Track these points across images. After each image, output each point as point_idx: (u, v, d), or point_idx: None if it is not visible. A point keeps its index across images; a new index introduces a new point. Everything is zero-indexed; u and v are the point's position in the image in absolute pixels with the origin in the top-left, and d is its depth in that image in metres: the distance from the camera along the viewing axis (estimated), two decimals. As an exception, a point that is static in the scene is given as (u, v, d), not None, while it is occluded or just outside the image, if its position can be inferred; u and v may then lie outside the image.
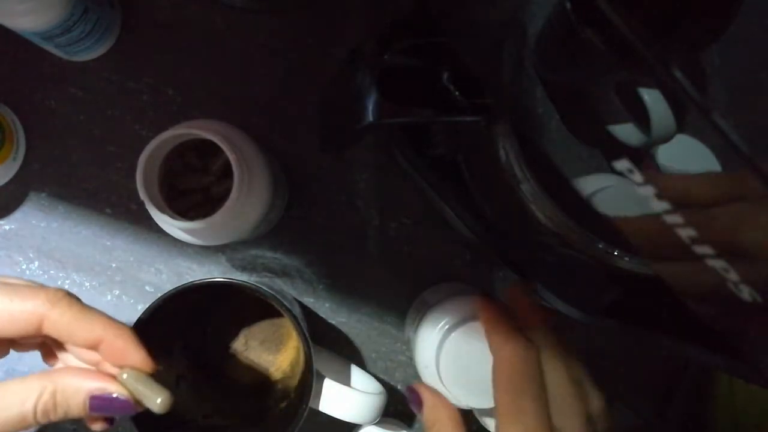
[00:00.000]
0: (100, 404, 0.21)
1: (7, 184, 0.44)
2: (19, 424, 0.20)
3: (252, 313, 0.42)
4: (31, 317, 0.20)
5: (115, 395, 0.21)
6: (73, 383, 0.21)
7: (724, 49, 0.21)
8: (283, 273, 0.45)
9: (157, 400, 0.22)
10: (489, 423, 0.44)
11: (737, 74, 0.21)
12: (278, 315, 0.40)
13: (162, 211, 0.34)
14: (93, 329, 0.21)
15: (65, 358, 0.24)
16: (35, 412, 0.20)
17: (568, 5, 0.18)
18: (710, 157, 0.18)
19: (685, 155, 0.19)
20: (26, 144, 0.44)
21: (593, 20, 0.18)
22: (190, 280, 0.33)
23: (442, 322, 0.37)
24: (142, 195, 0.33)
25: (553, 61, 0.21)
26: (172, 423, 0.33)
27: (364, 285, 0.45)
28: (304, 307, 0.45)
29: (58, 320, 0.21)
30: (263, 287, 0.35)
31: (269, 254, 0.45)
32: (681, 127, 0.18)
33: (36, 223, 0.44)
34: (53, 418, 0.20)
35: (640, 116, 0.19)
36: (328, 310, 0.45)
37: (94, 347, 0.22)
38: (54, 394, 0.20)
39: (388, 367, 0.45)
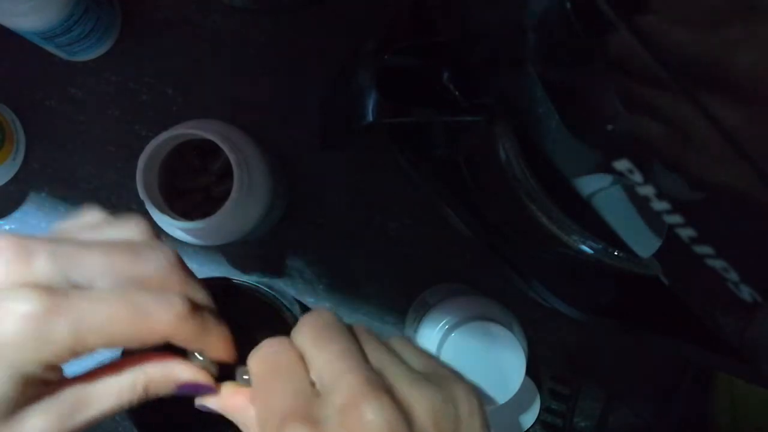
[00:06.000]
0: (186, 389, 0.23)
1: (7, 184, 0.44)
2: (116, 413, 0.21)
3: (252, 313, 0.42)
4: (162, 337, 0.21)
5: (200, 384, 0.23)
6: (163, 374, 0.22)
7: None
8: (283, 273, 0.45)
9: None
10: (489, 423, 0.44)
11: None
12: (278, 315, 0.40)
13: (162, 211, 0.34)
14: (209, 341, 0.22)
15: None
16: (130, 402, 0.22)
17: (568, 5, 0.18)
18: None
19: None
20: (26, 144, 0.44)
21: (593, 21, 0.18)
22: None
23: (442, 322, 0.37)
24: (142, 195, 0.33)
25: (553, 61, 0.21)
26: (172, 422, 0.33)
27: (364, 285, 0.45)
28: (304, 307, 0.45)
29: (184, 336, 0.21)
30: (263, 287, 0.35)
31: (270, 254, 0.45)
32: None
33: (36, 223, 0.44)
34: (141, 401, 0.22)
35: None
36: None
37: (199, 351, 0.23)
38: (147, 386, 0.22)
39: (388, 367, 0.45)
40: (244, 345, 0.24)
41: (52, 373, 0.20)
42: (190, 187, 0.38)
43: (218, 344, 0.22)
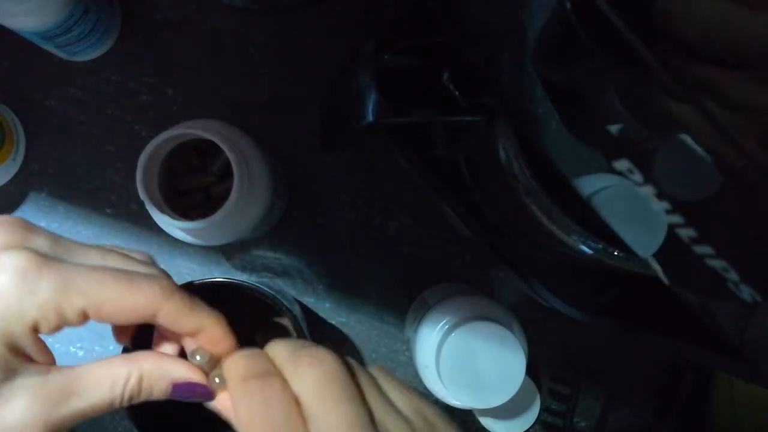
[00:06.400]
0: (181, 390, 0.22)
1: (7, 184, 0.44)
2: (108, 408, 0.21)
3: (252, 313, 0.42)
4: (148, 310, 0.21)
5: (196, 383, 0.22)
6: (158, 370, 0.21)
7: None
8: (283, 273, 0.45)
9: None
10: (489, 423, 0.44)
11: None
12: (278, 315, 0.40)
13: (162, 211, 0.34)
14: (200, 320, 0.22)
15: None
16: (122, 397, 0.21)
17: (568, 5, 0.18)
18: (709, 156, 0.18)
19: (685, 156, 0.19)
20: (26, 144, 0.44)
21: (593, 20, 0.18)
22: (190, 280, 0.33)
23: (442, 322, 0.37)
24: (142, 195, 0.33)
25: (553, 61, 0.21)
26: (171, 422, 0.33)
27: (364, 285, 0.45)
28: (304, 307, 0.45)
29: (171, 313, 0.21)
30: (263, 287, 0.35)
31: (269, 254, 0.45)
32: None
33: (36, 223, 0.44)
34: (135, 401, 0.21)
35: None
36: (328, 310, 0.45)
37: (193, 335, 0.22)
38: (140, 380, 0.21)
39: (388, 367, 0.45)
40: (244, 344, 0.24)
41: (38, 348, 0.20)
42: (190, 187, 0.38)
43: (211, 327, 0.22)
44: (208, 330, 0.22)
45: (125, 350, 0.28)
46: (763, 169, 0.16)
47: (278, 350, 0.21)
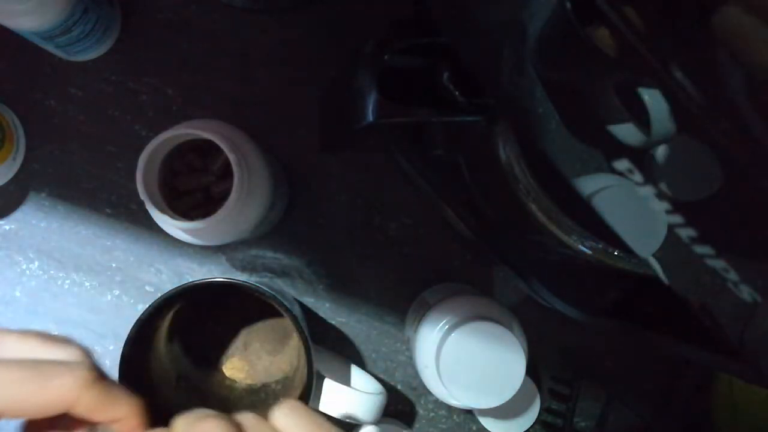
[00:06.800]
0: None
1: (7, 184, 0.44)
2: None
3: (252, 313, 0.42)
4: (63, 403, 0.20)
5: None
6: None
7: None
8: (283, 273, 0.45)
9: None
10: (489, 423, 0.44)
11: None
12: (278, 315, 0.40)
13: (162, 211, 0.34)
14: (116, 410, 0.22)
15: None
16: None
17: (568, 5, 0.18)
18: (710, 156, 0.18)
19: (685, 155, 0.19)
20: (26, 144, 0.44)
21: (593, 20, 0.18)
22: (190, 280, 0.33)
23: (442, 322, 0.37)
24: (142, 195, 0.33)
25: (553, 61, 0.21)
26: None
27: (364, 285, 0.45)
28: (304, 307, 0.45)
29: (87, 406, 0.21)
30: (263, 287, 0.35)
31: (269, 254, 0.45)
32: (680, 127, 0.18)
33: (36, 223, 0.44)
34: None
35: (640, 116, 0.19)
36: (328, 310, 0.45)
37: (109, 423, 0.22)
38: None
39: (388, 367, 0.45)
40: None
41: None
42: (190, 187, 0.38)
43: (127, 418, 0.22)
44: (125, 420, 0.22)
45: None
46: (763, 165, 0.16)
47: (178, 423, 0.22)
